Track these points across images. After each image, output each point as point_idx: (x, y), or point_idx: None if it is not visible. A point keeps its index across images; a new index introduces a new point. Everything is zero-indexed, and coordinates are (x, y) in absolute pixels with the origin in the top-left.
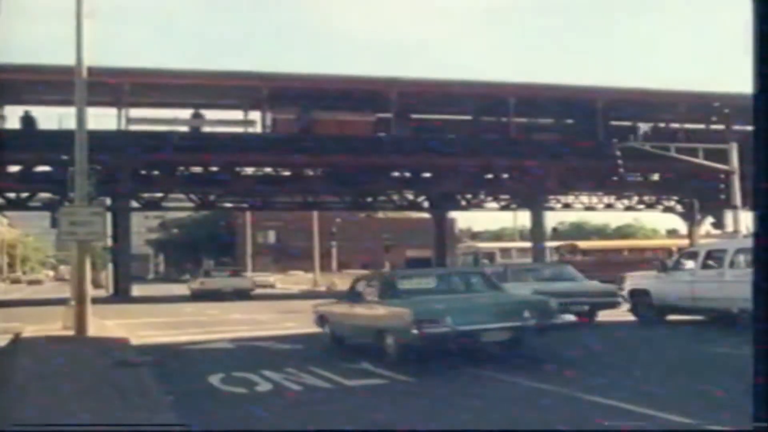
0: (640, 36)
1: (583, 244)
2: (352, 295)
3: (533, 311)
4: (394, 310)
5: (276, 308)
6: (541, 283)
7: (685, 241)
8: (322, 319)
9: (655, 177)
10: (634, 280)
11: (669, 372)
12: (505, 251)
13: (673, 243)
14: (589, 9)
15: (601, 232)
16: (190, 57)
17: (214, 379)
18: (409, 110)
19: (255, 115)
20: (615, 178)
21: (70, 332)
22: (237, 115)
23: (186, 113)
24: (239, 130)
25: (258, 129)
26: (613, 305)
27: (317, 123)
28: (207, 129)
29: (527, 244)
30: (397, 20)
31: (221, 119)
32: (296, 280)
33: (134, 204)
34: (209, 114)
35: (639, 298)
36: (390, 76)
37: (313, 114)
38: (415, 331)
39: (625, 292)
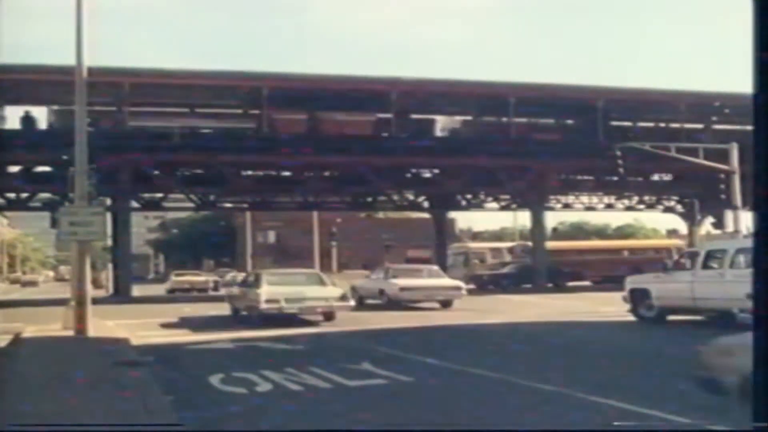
0: (640, 36)
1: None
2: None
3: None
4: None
5: None
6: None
7: (666, 242)
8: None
9: (655, 177)
10: (634, 279)
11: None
12: (497, 251)
13: (642, 244)
14: (590, 9)
15: (601, 232)
16: (190, 57)
17: (214, 380)
18: (409, 110)
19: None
20: (615, 178)
21: (70, 332)
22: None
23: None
24: (237, 125)
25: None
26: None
27: (322, 123)
28: (204, 125)
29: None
30: (398, 20)
31: (219, 113)
32: None
33: (134, 204)
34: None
35: (639, 298)
36: (391, 76)
37: (317, 114)
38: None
39: (625, 292)
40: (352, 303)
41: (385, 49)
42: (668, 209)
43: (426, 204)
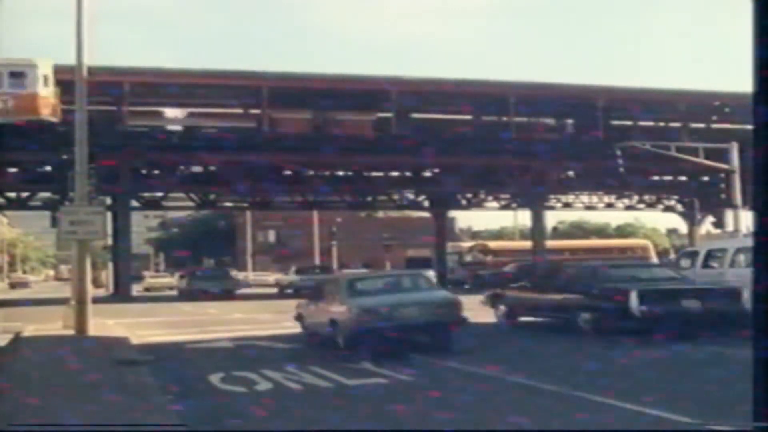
0: (640, 35)
1: (493, 245)
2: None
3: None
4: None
5: (276, 308)
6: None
7: (634, 241)
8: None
9: (655, 177)
10: None
11: None
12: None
13: (607, 243)
14: (590, 8)
15: (601, 232)
16: (190, 57)
17: (214, 378)
18: (409, 109)
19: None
20: (615, 178)
21: (71, 331)
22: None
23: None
24: (236, 124)
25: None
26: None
27: (323, 122)
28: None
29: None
30: (398, 20)
31: (219, 113)
32: None
33: (134, 203)
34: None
35: None
36: (391, 75)
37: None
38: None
39: None
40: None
41: (385, 48)
42: (668, 208)
43: (426, 203)
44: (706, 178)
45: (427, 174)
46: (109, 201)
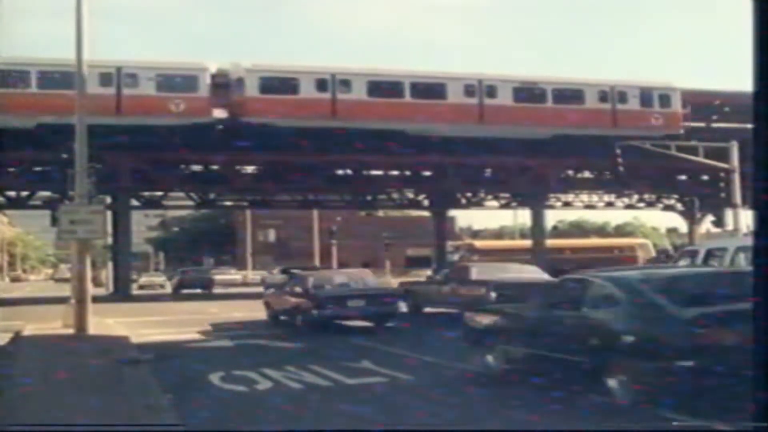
0: (640, 35)
1: (480, 244)
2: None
3: None
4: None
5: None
6: None
7: (633, 240)
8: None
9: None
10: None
11: None
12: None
13: (607, 243)
14: (590, 8)
15: (601, 231)
16: (190, 56)
17: (215, 378)
18: None
19: None
20: (611, 173)
21: (71, 330)
22: None
23: None
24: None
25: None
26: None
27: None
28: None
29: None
30: (397, 19)
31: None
32: None
33: (134, 202)
34: None
35: None
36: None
37: None
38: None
39: None
40: None
41: (384, 47)
42: (668, 207)
43: (426, 202)
44: (705, 177)
45: (427, 173)
46: (109, 200)
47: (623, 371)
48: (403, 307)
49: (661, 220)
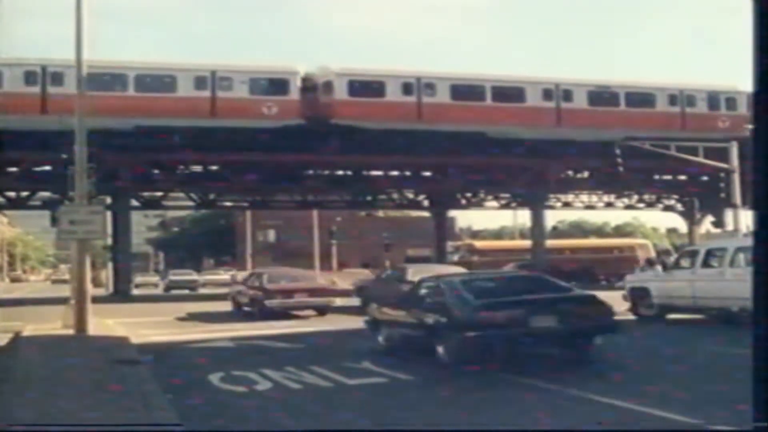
0: (640, 34)
1: (480, 245)
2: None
3: None
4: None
5: None
6: None
7: (633, 241)
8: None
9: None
10: (633, 278)
11: None
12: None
13: (606, 243)
14: (590, 8)
15: (600, 231)
16: (190, 56)
17: (214, 378)
18: None
19: None
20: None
21: (70, 331)
22: None
23: None
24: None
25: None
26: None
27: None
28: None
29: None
30: (398, 18)
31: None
32: None
33: (134, 202)
34: None
35: (638, 296)
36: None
37: None
38: None
39: (625, 291)
40: None
41: (384, 47)
42: (668, 208)
43: (426, 203)
44: (705, 178)
45: (427, 173)
46: (108, 200)
47: (443, 342)
48: (356, 301)
49: (661, 220)
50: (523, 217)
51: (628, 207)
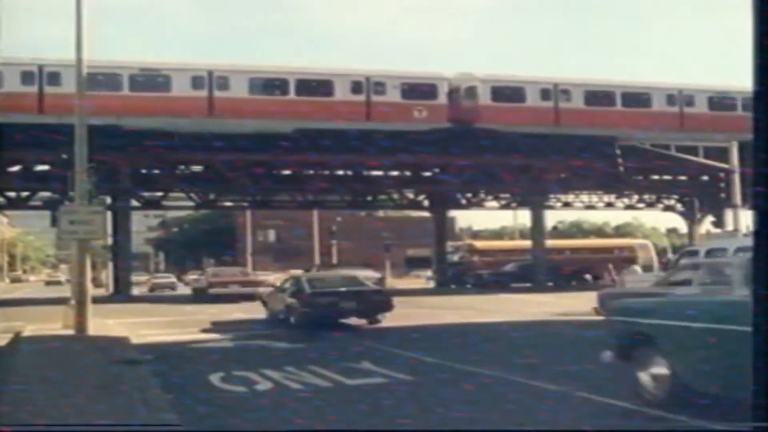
0: (640, 34)
1: (480, 245)
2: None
3: None
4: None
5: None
6: None
7: (633, 241)
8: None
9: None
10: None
11: None
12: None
13: (606, 243)
14: (591, 8)
15: (600, 231)
16: (190, 56)
17: (214, 378)
18: None
19: None
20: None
21: (71, 331)
22: None
23: None
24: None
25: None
26: None
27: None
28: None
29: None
30: (397, 18)
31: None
32: None
33: (134, 203)
34: None
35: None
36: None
37: None
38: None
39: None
40: None
41: (384, 47)
42: (668, 208)
43: (426, 203)
44: (705, 178)
45: (427, 173)
46: (109, 200)
47: (294, 316)
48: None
49: (661, 220)
50: (523, 217)
51: (628, 207)
